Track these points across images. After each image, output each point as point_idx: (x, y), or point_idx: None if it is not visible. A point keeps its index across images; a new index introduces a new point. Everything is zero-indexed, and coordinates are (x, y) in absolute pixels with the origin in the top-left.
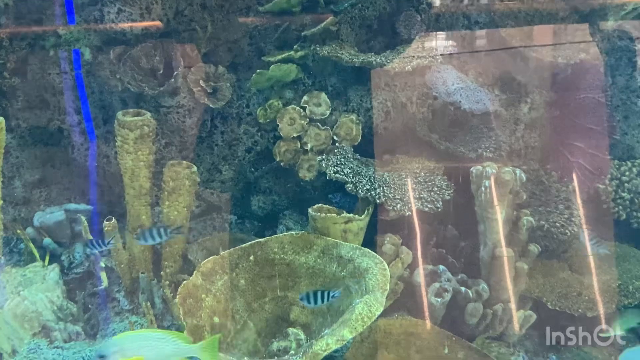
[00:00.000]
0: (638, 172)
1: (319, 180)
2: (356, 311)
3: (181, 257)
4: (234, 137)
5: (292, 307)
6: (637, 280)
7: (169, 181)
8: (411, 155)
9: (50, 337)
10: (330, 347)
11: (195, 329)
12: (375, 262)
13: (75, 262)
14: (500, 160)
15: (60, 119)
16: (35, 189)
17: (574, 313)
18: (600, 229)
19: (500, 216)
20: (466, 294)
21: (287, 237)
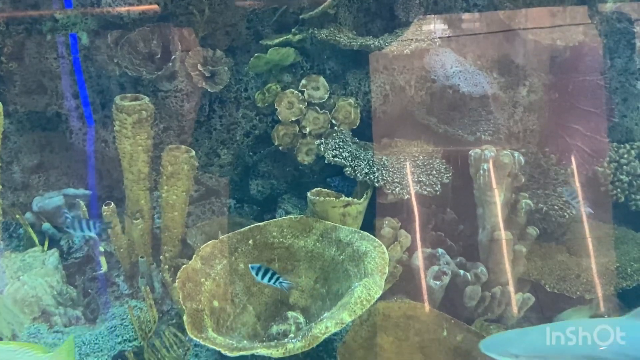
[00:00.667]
0: (637, 155)
1: (318, 164)
2: (355, 294)
3: (180, 242)
4: (232, 121)
5: (291, 291)
6: (635, 263)
7: (167, 165)
8: (410, 138)
9: (50, 321)
10: (330, 330)
11: (194, 312)
12: (374, 246)
13: (75, 247)
14: (498, 143)
15: (58, 103)
16: (34, 174)
17: (572, 295)
18: (599, 212)
19: (499, 199)
20: (465, 277)
21: (286, 221)
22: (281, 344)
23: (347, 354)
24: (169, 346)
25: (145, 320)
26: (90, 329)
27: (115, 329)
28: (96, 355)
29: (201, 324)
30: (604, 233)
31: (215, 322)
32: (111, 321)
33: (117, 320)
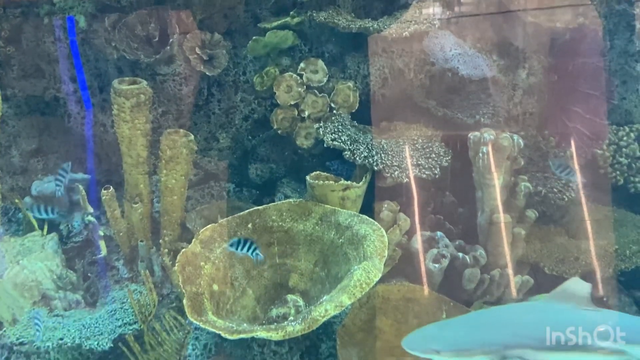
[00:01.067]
0: (636, 137)
1: (317, 147)
2: (354, 277)
3: (180, 225)
4: (231, 105)
5: (290, 274)
6: (634, 245)
7: (166, 150)
8: (409, 122)
9: (50, 305)
10: (329, 313)
11: (194, 296)
12: (373, 229)
13: (74, 231)
14: (498, 126)
15: (56, 87)
16: (33, 158)
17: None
18: (598, 194)
19: (498, 182)
20: (464, 260)
21: (285, 205)
22: (281, 326)
23: (347, 336)
24: (169, 329)
25: (145, 304)
26: (90, 313)
27: (115, 313)
28: (96, 339)
29: (201, 307)
30: (602, 215)
31: (215, 306)
32: (111, 305)
33: (117, 303)
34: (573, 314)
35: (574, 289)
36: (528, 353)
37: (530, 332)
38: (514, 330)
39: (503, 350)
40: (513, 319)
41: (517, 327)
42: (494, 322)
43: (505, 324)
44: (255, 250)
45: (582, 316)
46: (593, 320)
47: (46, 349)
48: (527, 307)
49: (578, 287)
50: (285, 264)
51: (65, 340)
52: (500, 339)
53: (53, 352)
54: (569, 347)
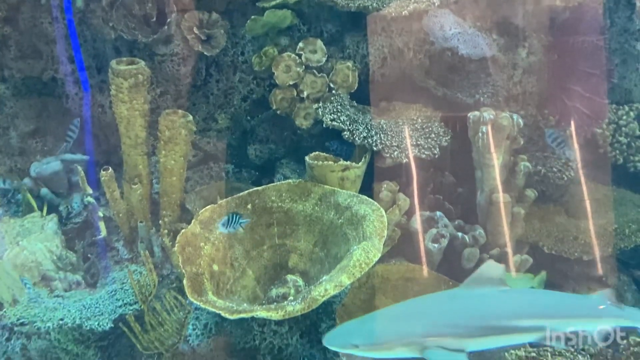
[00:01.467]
0: (635, 116)
1: (316, 128)
2: (354, 257)
3: (179, 206)
4: (230, 85)
5: (290, 255)
6: (633, 224)
7: (164, 130)
8: (408, 101)
9: (50, 286)
10: (329, 292)
11: (194, 276)
12: (373, 209)
13: (73, 212)
14: (497, 105)
15: (54, 68)
16: (31, 139)
17: (570, 257)
18: (597, 174)
19: (498, 162)
20: (463, 240)
21: (284, 186)
22: (281, 306)
23: (346, 316)
24: (170, 309)
25: (146, 284)
26: (90, 294)
27: (115, 293)
28: (97, 319)
29: (201, 288)
30: (602, 195)
31: (215, 286)
32: (111, 285)
33: (118, 284)
34: (491, 297)
35: (489, 273)
36: (449, 342)
37: (449, 320)
38: (433, 320)
39: (423, 341)
40: (432, 309)
41: (436, 316)
42: (413, 313)
43: (424, 315)
44: (238, 221)
45: (500, 298)
46: (511, 301)
47: (47, 330)
48: (445, 296)
49: (493, 270)
50: (284, 245)
51: (66, 320)
52: (419, 329)
53: (54, 333)
54: (490, 331)
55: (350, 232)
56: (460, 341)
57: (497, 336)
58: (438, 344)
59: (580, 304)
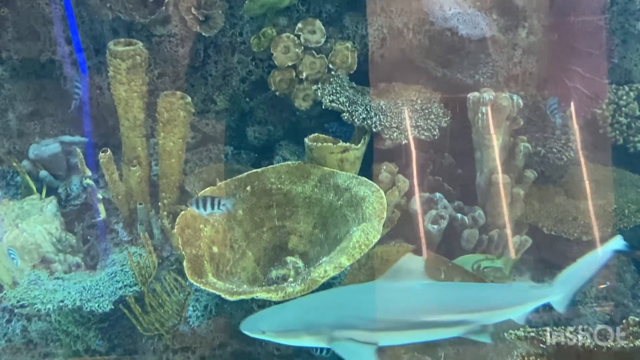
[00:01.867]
0: (635, 96)
1: (315, 109)
2: (354, 239)
3: (178, 188)
4: (228, 66)
5: (289, 237)
6: (633, 204)
7: (163, 112)
8: (408, 82)
9: (50, 268)
10: (329, 274)
11: (194, 258)
12: (372, 191)
13: (73, 194)
14: (497, 86)
15: (52, 50)
16: (29, 121)
17: (570, 237)
18: (597, 154)
19: (497, 143)
20: (462, 221)
21: (283, 167)
22: (281, 287)
23: None
24: (170, 291)
25: (145, 266)
26: (90, 275)
27: (115, 275)
28: (97, 301)
29: (201, 269)
30: (601, 175)
31: (215, 268)
32: (111, 267)
33: (117, 266)
34: (407, 291)
35: (408, 266)
36: (359, 334)
37: (361, 312)
38: (345, 311)
39: (331, 332)
40: (345, 301)
41: (349, 308)
42: (326, 304)
43: (337, 306)
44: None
45: (417, 292)
46: (428, 295)
47: (47, 311)
48: (361, 288)
49: (412, 264)
50: (284, 226)
51: (66, 302)
52: (329, 320)
53: (54, 314)
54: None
55: (349, 214)
56: (371, 334)
57: (411, 331)
58: (347, 336)
59: (502, 294)
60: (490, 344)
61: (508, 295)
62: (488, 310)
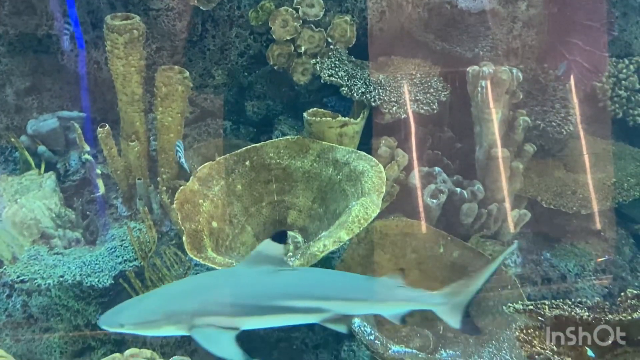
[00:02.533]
0: (635, 70)
1: (314, 83)
2: (353, 213)
3: (177, 164)
4: (226, 40)
5: (289, 211)
6: (632, 178)
7: (161, 87)
8: (407, 56)
9: (49, 244)
10: (328, 248)
11: (193, 233)
12: (371, 165)
13: (71, 169)
14: (497, 59)
15: (49, 24)
16: (27, 97)
17: (569, 211)
18: (597, 128)
19: (497, 117)
20: (461, 195)
21: (282, 142)
22: None
23: (345, 271)
24: (170, 265)
25: (145, 241)
26: (90, 251)
27: (115, 250)
28: (97, 276)
29: (200, 244)
30: (601, 149)
31: (214, 242)
32: (111, 242)
33: (117, 241)
34: (266, 276)
35: (267, 251)
36: (221, 320)
37: (221, 299)
38: (205, 298)
39: (191, 319)
40: (205, 288)
41: (208, 295)
42: (186, 292)
43: (197, 293)
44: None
45: (276, 278)
46: (287, 281)
47: (47, 286)
48: (221, 275)
49: (271, 249)
50: (283, 201)
51: (66, 277)
52: (188, 308)
53: (54, 289)
54: (263, 311)
55: (348, 188)
56: (232, 320)
57: (271, 316)
58: (208, 323)
59: (364, 287)
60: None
61: (371, 290)
62: (345, 300)
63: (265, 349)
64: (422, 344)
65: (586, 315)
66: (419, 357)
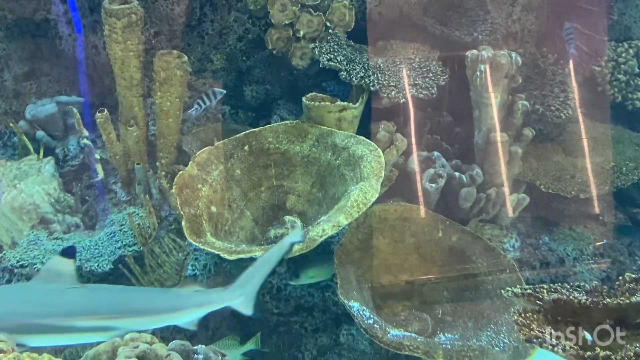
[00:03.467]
0: (635, 54)
1: (313, 68)
2: (351, 198)
3: (176, 148)
4: (225, 25)
5: (287, 196)
6: (630, 162)
7: (160, 71)
8: (406, 40)
9: (49, 229)
10: (327, 232)
11: (193, 218)
12: (370, 150)
13: (70, 154)
14: (496, 43)
15: (46, 9)
16: (25, 82)
17: (567, 195)
18: (596, 111)
19: (495, 101)
20: (460, 179)
21: (281, 127)
22: None
23: (344, 255)
24: (169, 251)
25: (145, 226)
26: (89, 235)
27: (114, 235)
28: (97, 261)
29: (200, 229)
30: (600, 133)
31: (213, 227)
32: (110, 227)
33: (116, 226)
34: (54, 294)
35: (58, 268)
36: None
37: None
38: None
39: None
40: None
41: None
42: None
43: None
44: None
45: (64, 296)
46: (74, 299)
47: None
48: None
49: (62, 266)
50: (282, 186)
51: None
52: None
53: None
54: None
55: (347, 173)
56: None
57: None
58: None
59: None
60: None
61: (163, 302)
62: (136, 316)
63: (265, 333)
64: (420, 328)
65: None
66: (418, 341)
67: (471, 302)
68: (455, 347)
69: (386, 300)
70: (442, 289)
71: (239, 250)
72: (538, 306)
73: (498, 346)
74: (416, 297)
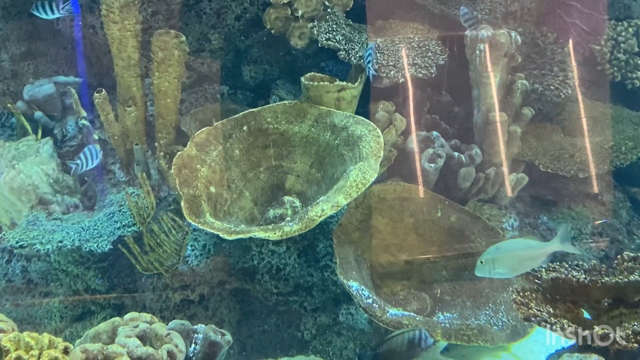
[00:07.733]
0: (634, 32)
1: (311, 48)
2: (350, 178)
3: (174, 129)
4: (223, 4)
5: (286, 176)
6: (630, 141)
7: (157, 51)
8: (405, 19)
9: (48, 209)
10: (326, 213)
11: (192, 198)
12: (369, 130)
13: (68, 135)
14: (495, 22)
15: None
16: (23, 62)
17: (566, 174)
18: (595, 91)
19: (495, 80)
20: (459, 159)
21: (280, 107)
22: (278, 227)
23: (343, 235)
24: (168, 231)
25: (143, 207)
26: (88, 216)
27: (113, 215)
28: (96, 241)
29: (199, 209)
30: (599, 112)
31: (212, 208)
32: (109, 208)
33: (115, 206)
34: None
35: None
36: None
37: None
38: None
39: None
40: None
41: None
42: None
43: None
44: None
45: None
46: None
47: (46, 252)
48: None
49: None
50: (281, 166)
51: (65, 242)
52: None
53: (53, 255)
54: None
55: (346, 153)
56: None
57: None
58: None
59: None
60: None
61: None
62: None
63: (264, 313)
64: (419, 307)
65: (582, 278)
66: (417, 320)
67: (470, 281)
68: (454, 325)
69: (385, 280)
70: (440, 268)
71: (238, 230)
72: (536, 285)
73: (496, 325)
74: (415, 276)
